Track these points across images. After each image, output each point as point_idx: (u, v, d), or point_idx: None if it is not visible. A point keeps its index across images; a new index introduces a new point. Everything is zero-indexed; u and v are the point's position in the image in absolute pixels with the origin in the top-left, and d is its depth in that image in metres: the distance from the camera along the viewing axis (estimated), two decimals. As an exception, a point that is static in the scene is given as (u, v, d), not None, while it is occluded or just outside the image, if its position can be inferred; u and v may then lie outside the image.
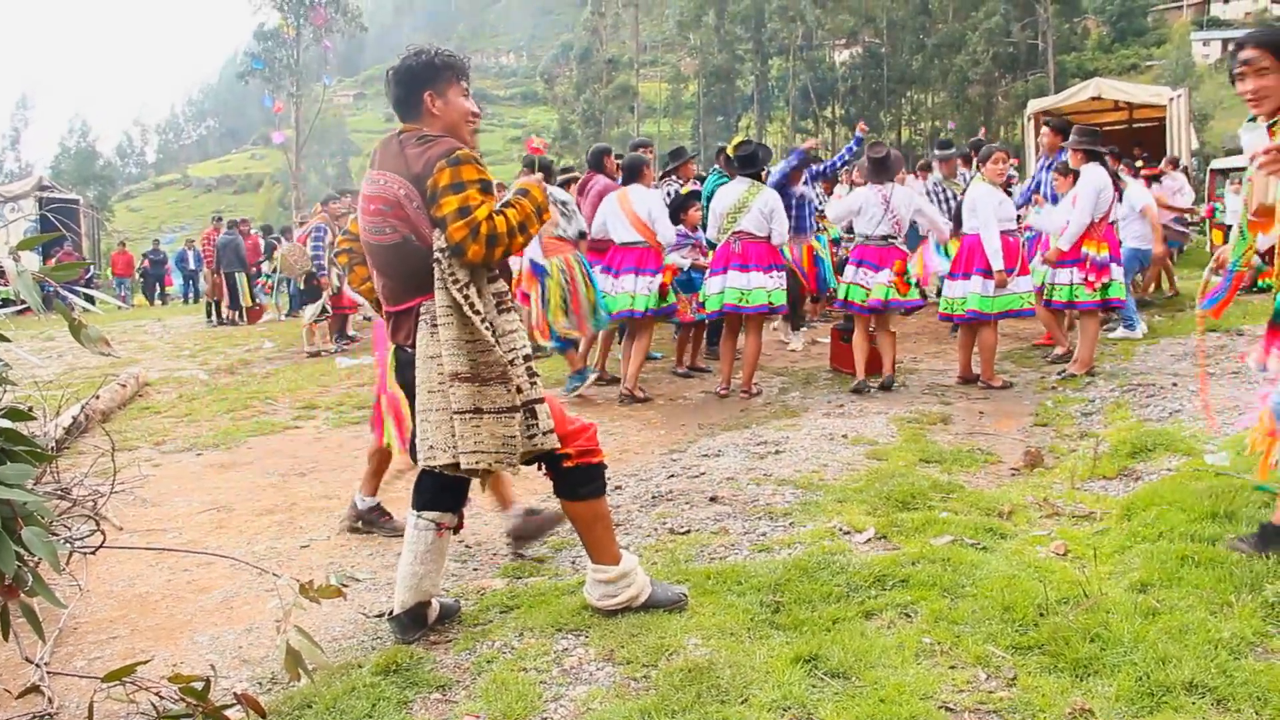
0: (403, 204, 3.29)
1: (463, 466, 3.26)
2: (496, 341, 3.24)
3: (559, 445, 3.41)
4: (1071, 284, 8.24)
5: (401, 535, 4.82)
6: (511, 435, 3.25)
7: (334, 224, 12.57)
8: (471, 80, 3.58)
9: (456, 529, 3.70)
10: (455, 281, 3.20)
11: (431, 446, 3.32)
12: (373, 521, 5.08)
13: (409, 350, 3.41)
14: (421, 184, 3.24)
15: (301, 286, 13.29)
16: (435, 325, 3.26)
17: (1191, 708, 2.72)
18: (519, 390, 3.28)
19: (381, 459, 5.03)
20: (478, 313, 3.21)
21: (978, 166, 9.05)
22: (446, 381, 3.23)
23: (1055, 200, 9.56)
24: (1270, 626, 3.18)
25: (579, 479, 3.50)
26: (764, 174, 8.65)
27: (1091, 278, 8.14)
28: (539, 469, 3.51)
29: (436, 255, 3.21)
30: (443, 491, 3.57)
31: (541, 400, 3.36)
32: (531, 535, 4.54)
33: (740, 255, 8.10)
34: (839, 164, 12.46)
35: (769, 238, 8.10)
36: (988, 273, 8.04)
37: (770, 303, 8.11)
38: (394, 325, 3.48)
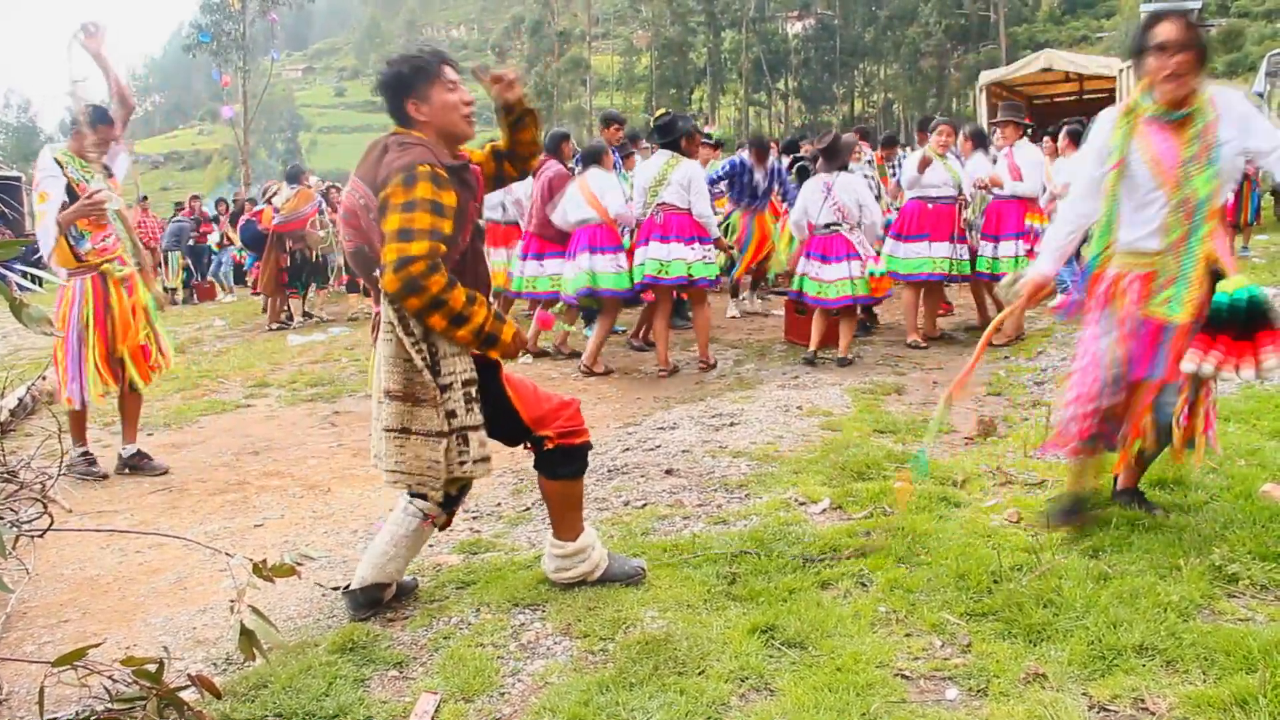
0: (359, 213, 3.24)
1: (384, 482, 3.27)
2: (430, 365, 3.18)
3: (488, 474, 3.39)
4: (1017, 256, 8.29)
5: (162, 474, 5.66)
6: (436, 460, 3.21)
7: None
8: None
9: (443, 526, 3.68)
10: (391, 299, 3.14)
11: (376, 455, 3.36)
12: (137, 466, 5.88)
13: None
14: (380, 194, 3.13)
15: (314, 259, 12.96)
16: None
17: (1142, 670, 2.77)
18: (451, 415, 3.22)
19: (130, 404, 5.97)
20: (410, 334, 3.15)
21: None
22: (378, 396, 3.23)
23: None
24: (1217, 589, 3.25)
25: (559, 459, 3.48)
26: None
27: (1037, 249, 8.20)
28: (523, 447, 3.50)
29: (377, 271, 3.16)
30: None
31: (477, 428, 3.27)
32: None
33: (661, 226, 7.92)
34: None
35: (690, 209, 7.98)
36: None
37: (689, 275, 7.86)
38: (373, 324, 3.46)
